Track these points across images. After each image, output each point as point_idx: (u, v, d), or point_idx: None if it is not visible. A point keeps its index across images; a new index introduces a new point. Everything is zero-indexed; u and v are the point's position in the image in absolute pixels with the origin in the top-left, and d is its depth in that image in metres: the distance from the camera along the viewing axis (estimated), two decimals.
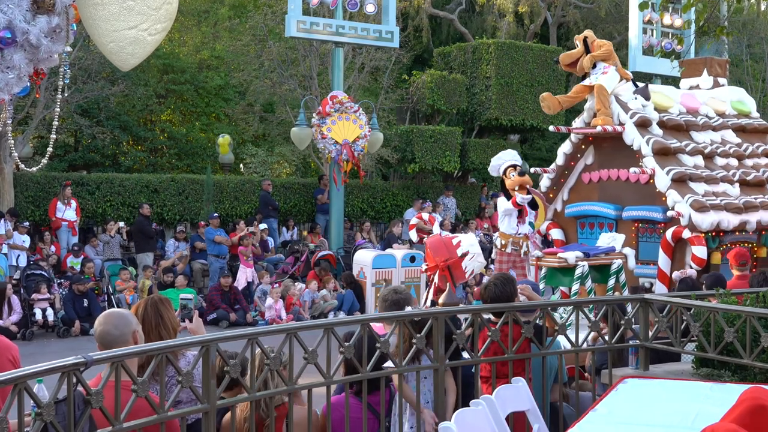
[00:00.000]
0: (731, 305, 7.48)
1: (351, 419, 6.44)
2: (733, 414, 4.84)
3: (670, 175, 14.45)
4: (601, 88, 15.04)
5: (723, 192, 14.88)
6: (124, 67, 6.81)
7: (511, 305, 7.71)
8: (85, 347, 16.81)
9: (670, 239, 14.35)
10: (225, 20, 35.88)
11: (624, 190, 15.29)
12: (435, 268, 12.49)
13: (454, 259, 12.30)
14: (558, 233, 16.24)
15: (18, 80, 6.16)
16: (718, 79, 17.56)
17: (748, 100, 17.43)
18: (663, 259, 14.48)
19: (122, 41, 6.49)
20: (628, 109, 15.10)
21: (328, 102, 24.83)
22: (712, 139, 15.93)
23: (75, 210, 23.67)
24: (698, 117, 16.19)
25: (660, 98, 15.88)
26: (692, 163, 15.06)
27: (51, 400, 4.42)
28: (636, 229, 15.12)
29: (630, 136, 14.96)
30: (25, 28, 6.04)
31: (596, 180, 15.73)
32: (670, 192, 14.43)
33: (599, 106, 15.05)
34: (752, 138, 16.60)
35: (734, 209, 14.47)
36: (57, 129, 7.48)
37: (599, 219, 15.57)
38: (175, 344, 5.36)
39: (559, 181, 16.26)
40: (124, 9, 6.37)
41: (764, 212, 15.00)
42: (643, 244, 15.03)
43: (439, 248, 12.50)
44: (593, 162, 15.94)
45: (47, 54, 6.22)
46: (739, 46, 39.67)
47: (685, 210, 14.16)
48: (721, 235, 14.42)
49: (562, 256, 13.48)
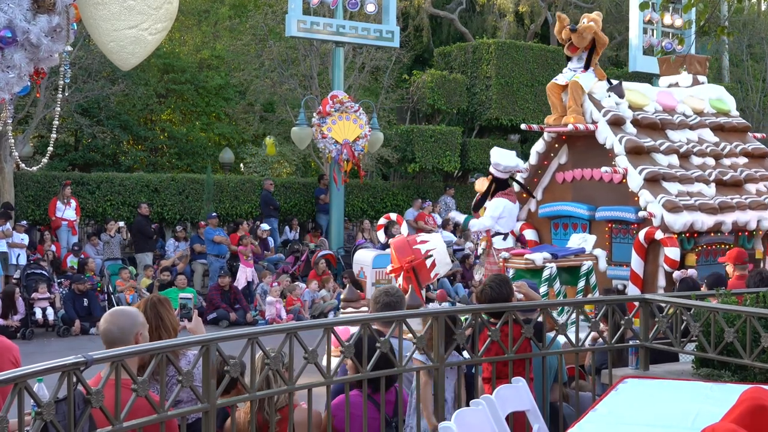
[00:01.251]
0: (731, 305, 7.48)
1: (359, 418, 6.44)
2: (734, 414, 4.85)
3: (643, 175, 14.06)
4: (576, 84, 14.67)
5: (698, 192, 14.50)
6: (125, 66, 6.81)
7: (512, 305, 7.71)
8: (86, 347, 16.81)
9: (642, 240, 13.98)
10: (225, 20, 35.90)
11: (597, 190, 14.90)
12: (399, 270, 12.30)
13: (418, 260, 12.14)
14: (532, 234, 15.79)
15: (18, 79, 6.15)
16: (697, 77, 17.25)
17: (728, 99, 17.04)
18: (636, 260, 14.09)
19: (123, 41, 6.48)
20: (601, 107, 14.72)
21: (329, 102, 24.85)
22: (689, 138, 15.55)
23: (75, 209, 23.67)
24: (675, 115, 15.79)
25: (635, 96, 15.53)
26: (666, 163, 14.67)
27: (51, 400, 4.42)
28: (609, 229, 14.74)
29: (603, 134, 14.57)
30: (26, 27, 6.03)
31: (570, 180, 15.33)
32: (642, 192, 14.03)
33: (571, 103, 14.67)
34: (731, 137, 16.23)
35: (709, 210, 14.12)
36: (57, 128, 7.48)
37: (573, 220, 15.17)
38: (175, 344, 5.36)
39: (533, 180, 15.82)
40: (124, 8, 6.37)
41: (740, 213, 14.61)
42: (616, 245, 14.64)
43: (404, 249, 12.33)
44: (567, 161, 15.52)
45: (48, 53, 6.22)
46: (740, 46, 39.69)
47: (657, 210, 13.76)
48: (696, 236, 14.07)
49: (530, 258, 13.17)
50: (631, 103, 15.18)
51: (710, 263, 14.21)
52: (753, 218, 14.68)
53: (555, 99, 15.01)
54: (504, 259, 13.41)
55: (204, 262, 23.96)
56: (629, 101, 15.12)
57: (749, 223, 14.62)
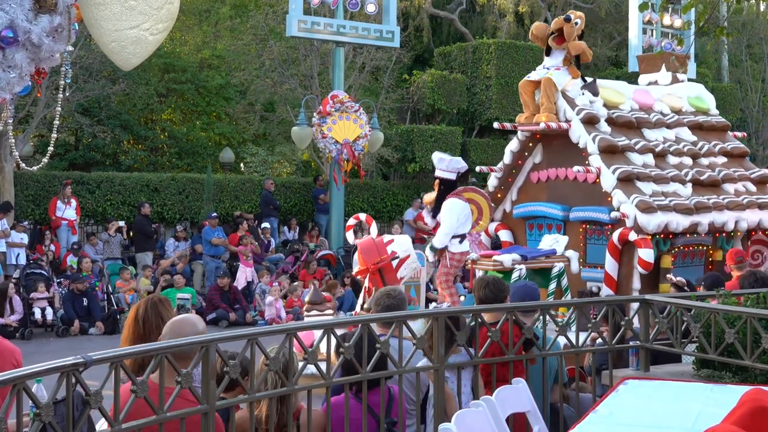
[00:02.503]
0: (732, 306, 7.48)
1: (355, 421, 6.43)
2: (735, 416, 4.84)
3: (616, 174, 13.64)
4: (549, 81, 14.26)
5: (673, 192, 14.06)
6: (126, 66, 6.81)
7: (512, 305, 7.71)
8: (85, 347, 16.82)
9: (616, 241, 13.56)
10: (226, 20, 35.88)
11: (572, 190, 14.49)
12: (365, 271, 12.08)
13: (384, 262, 11.93)
14: (506, 235, 15.38)
15: (19, 79, 6.15)
16: (677, 74, 16.85)
17: (707, 97, 16.59)
18: (610, 262, 13.64)
19: (124, 41, 6.48)
20: (574, 105, 14.29)
21: (329, 101, 24.84)
22: (666, 137, 15.12)
23: (75, 209, 23.67)
24: (651, 114, 15.34)
25: (611, 94, 15.08)
26: (641, 162, 14.24)
27: (50, 401, 4.42)
28: (584, 230, 14.30)
29: (576, 133, 14.14)
30: (27, 27, 6.03)
31: (545, 179, 14.93)
32: (615, 192, 13.62)
33: (544, 101, 14.28)
34: (710, 136, 15.82)
35: (684, 210, 13.67)
36: (58, 128, 7.48)
37: (547, 220, 14.77)
38: (175, 344, 5.35)
39: (507, 180, 15.41)
40: (125, 9, 6.37)
41: (718, 213, 14.20)
42: (591, 247, 14.20)
43: (370, 250, 12.09)
44: (542, 161, 15.11)
45: (49, 53, 6.22)
46: (739, 47, 39.69)
47: (630, 211, 13.32)
48: (671, 237, 13.63)
49: (498, 259, 12.95)
50: (607, 101, 14.80)
51: (687, 265, 13.97)
52: (731, 219, 14.29)
53: (527, 97, 14.64)
54: (472, 260, 13.12)
55: (203, 263, 23.98)
56: (604, 99, 14.74)
57: (727, 223, 14.23)
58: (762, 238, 14.90)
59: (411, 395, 7.25)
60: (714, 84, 37.56)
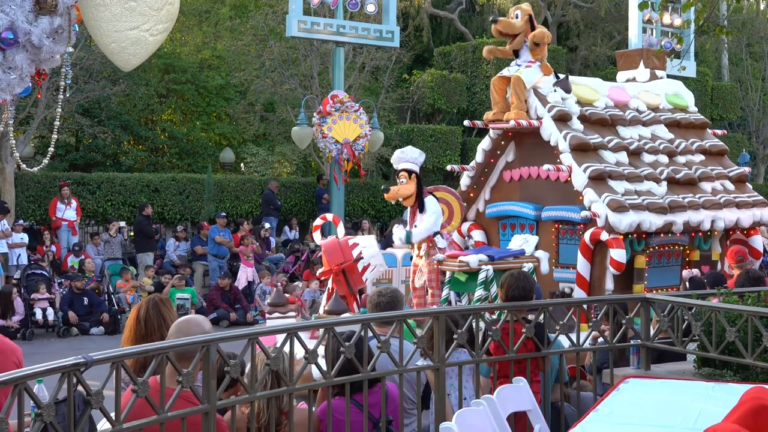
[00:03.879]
0: (733, 305, 7.48)
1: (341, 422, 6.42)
2: (736, 414, 4.85)
3: (588, 173, 13.22)
4: (518, 79, 13.86)
5: (647, 191, 13.63)
6: (126, 67, 6.81)
7: (513, 304, 7.72)
8: (86, 347, 16.83)
9: (588, 241, 13.13)
10: (226, 20, 35.89)
11: (544, 189, 14.10)
12: (329, 273, 11.90)
13: (348, 263, 11.74)
14: (479, 235, 14.96)
15: (20, 80, 6.16)
16: (655, 71, 16.34)
17: (686, 94, 16.12)
18: (582, 262, 13.20)
19: (124, 42, 6.49)
20: (546, 103, 13.87)
21: (329, 101, 24.83)
22: (641, 135, 14.69)
23: (75, 209, 23.68)
24: (627, 111, 14.91)
25: (584, 91, 14.64)
26: (614, 160, 13.82)
27: (51, 401, 4.42)
28: (556, 230, 13.91)
29: (547, 131, 13.72)
30: (27, 28, 6.04)
31: (517, 178, 14.54)
32: (586, 191, 13.19)
33: (514, 99, 13.87)
34: (688, 134, 15.38)
35: (658, 209, 13.26)
36: (58, 129, 7.48)
37: (520, 220, 14.39)
38: (175, 344, 5.36)
39: (480, 179, 15.03)
40: (125, 10, 6.37)
41: (693, 213, 13.80)
42: (563, 247, 13.82)
43: (334, 251, 11.92)
44: (514, 159, 14.70)
45: (49, 54, 6.22)
46: (739, 45, 39.70)
47: (601, 210, 12.92)
48: (644, 236, 13.23)
49: (464, 260, 12.60)
50: (580, 98, 14.38)
51: (663, 265, 13.66)
52: (707, 218, 13.92)
53: (497, 94, 14.26)
54: (438, 261, 12.75)
55: (205, 263, 23.99)
56: (578, 96, 14.33)
57: (703, 223, 13.86)
58: (741, 237, 14.56)
59: (409, 394, 7.26)
60: (714, 83, 37.59)
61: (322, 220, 13.86)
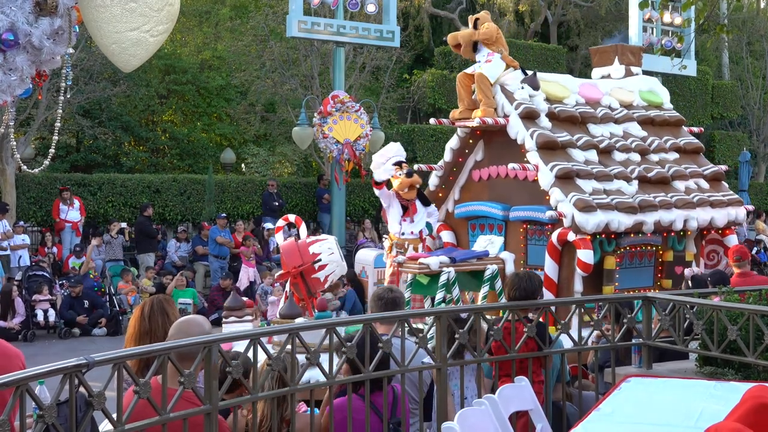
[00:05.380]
0: (734, 303, 7.48)
1: (354, 421, 6.42)
2: (738, 413, 4.85)
3: (554, 172, 12.67)
4: (482, 77, 13.40)
5: (617, 190, 13.08)
6: (126, 68, 6.81)
7: (515, 304, 7.72)
8: (87, 348, 16.84)
9: (556, 242, 12.62)
10: (226, 20, 35.93)
11: (512, 189, 13.60)
12: (286, 275, 11.63)
13: (306, 266, 11.42)
14: (449, 235, 14.50)
15: (20, 82, 6.16)
16: (631, 68, 15.64)
17: (661, 91, 15.53)
18: (549, 264, 12.67)
19: (124, 43, 6.49)
20: (513, 100, 13.36)
21: (330, 101, 24.86)
22: (612, 133, 14.11)
23: (79, 210, 23.71)
24: (598, 108, 14.31)
25: (554, 88, 14.10)
26: (583, 159, 13.29)
27: (53, 402, 4.42)
28: (525, 231, 13.45)
29: (514, 129, 13.22)
30: (28, 30, 6.04)
31: (486, 178, 14.05)
32: (553, 190, 12.65)
33: (480, 96, 13.40)
34: (662, 131, 14.78)
35: (627, 209, 12.70)
36: (59, 130, 7.49)
37: (489, 220, 13.91)
38: (177, 345, 5.36)
39: (448, 179, 14.55)
40: (126, 11, 6.37)
41: (665, 212, 13.21)
42: (531, 248, 13.34)
43: (292, 253, 11.60)
44: (483, 158, 14.22)
45: (50, 56, 6.23)
46: (740, 44, 39.70)
47: (567, 210, 12.39)
48: (613, 237, 12.72)
49: (424, 262, 12.21)
50: (549, 95, 13.86)
51: (635, 266, 13.24)
52: (679, 217, 13.31)
53: (463, 91, 13.84)
54: (398, 263, 12.56)
55: (206, 264, 24.01)
56: (547, 93, 13.81)
57: (675, 222, 13.26)
58: (716, 237, 14.18)
59: (413, 394, 7.26)
60: (715, 81, 37.60)
61: (284, 221, 13.63)
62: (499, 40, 13.87)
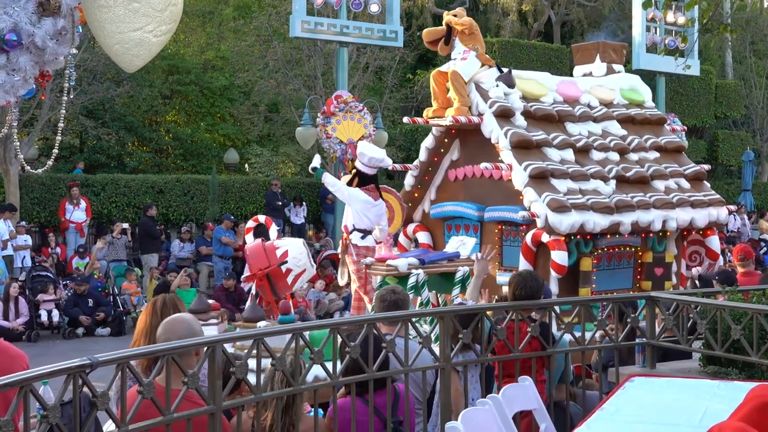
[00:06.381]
0: (738, 302, 7.48)
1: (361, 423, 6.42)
2: (741, 412, 4.84)
3: (528, 171, 12.41)
4: (456, 74, 13.13)
5: (593, 190, 12.79)
6: (129, 68, 6.82)
7: (519, 304, 7.72)
8: (91, 349, 16.85)
9: (530, 243, 12.41)
10: (229, 21, 35.95)
11: (488, 189, 13.31)
12: (252, 278, 11.59)
13: (273, 268, 11.34)
14: (425, 236, 14.26)
15: (23, 82, 6.16)
16: (612, 65, 15.34)
17: (643, 89, 15.13)
18: (524, 265, 12.38)
19: (127, 43, 6.49)
20: (488, 98, 13.03)
21: (333, 101, 24.84)
22: (591, 131, 13.79)
23: (85, 210, 23.71)
24: (576, 107, 13.99)
25: (531, 86, 13.79)
26: (559, 158, 13.00)
27: (57, 402, 4.43)
28: (500, 231, 13.16)
29: (488, 127, 12.93)
30: (31, 30, 6.04)
31: (462, 177, 13.74)
32: (526, 190, 12.39)
33: (455, 94, 13.12)
34: (643, 130, 14.43)
35: (603, 209, 12.45)
36: (62, 130, 7.49)
37: (465, 221, 13.60)
38: (181, 345, 5.36)
39: (424, 178, 14.29)
40: (129, 11, 6.37)
41: (643, 212, 12.94)
42: (507, 249, 13.06)
43: (258, 256, 11.50)
44: (459, 157, 13.92)
45: (53, 56, 6.23)
46: (743, 43, 39.69)
47: (541, 210, 12.13)
48: (588, 238, 12.42)
49: (392, 264, 11.87)
50: (526, 93, 13.57)
51: (613, 268, 12.98)
52: (657, 218, 13.05)
53: (437, 89, 13.63)
54: (366, 265, 12.26)
55: (210, 264, 24.03)
56: (523, 91, 13.53)
57: (653, 223, 13.00)
58: (698, 238, 13.95)
59: (416, 394, 7.26)
60: (718, 81, 37.58)
61: (255, 222, 13.48)
62: (476, 36, 13.58)
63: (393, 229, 13.78)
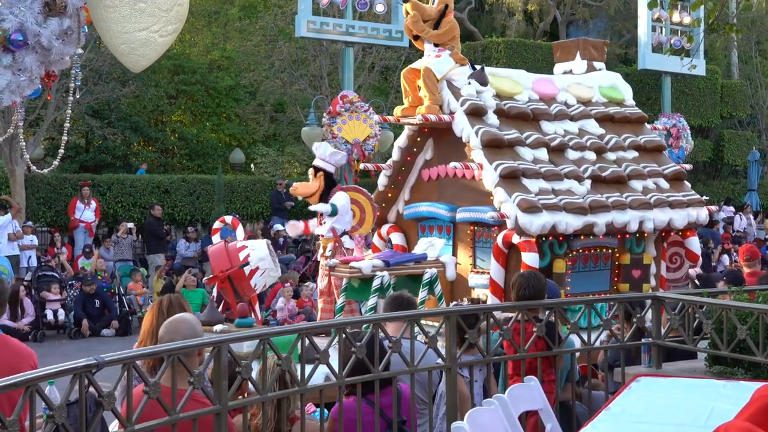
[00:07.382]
0: (744, 302, 7.46)
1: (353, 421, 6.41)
2: (747, 412, 4.83)
3: (498, 171, 12.08)
4: (428, 71, 12.78)
5: (567, 190, 12.46)
6: (135, 68, 6.83)
7: (525, 303, 7.71)
8: (97, 348, 16.85)
9: (501, 245, 12.11)
10: (235, 21, 35.96)
11: (460, 189, 12.98)
12: (214, 280, 11.47)
13: (234, 270, 11.19)
14: (399, 237, 13.97)
15: (30, 82, 6.18)
16: (593, 63, 14.95)
17: (623, 87, 14.76)
18: (495, 267, 12.16)
19: (133, 43, 6.50)
20: (459, 96, 12.72)
21: (339, 101, 24.85)
22: (567, 130, 13.41)
23: (94, 211, 23.73)
24: (553, 105, 13.64)
25: (505, 84, 13.44)
26: (532, 157, 12.66)
27: (63, 402, 4.43)
28: (472, 232, 12.85)
29: (459, 126, 12.61)
30: (37, 30, 6.05)
31: (435, 177, 13.42)
32: (497, 190, 12.09)
33: (426, 91, 12.77)
34: (622, 129, 14.08)
35: (576, 210, 12.14)
36: (68, 130, 7.50)
37: (438, 222, 13.30)
38: (187, 345, 5.36)
39: (397, 179, 13.95)
40: (135, 11, 6.38)
41: (618, 213, 12.63)
42: (479, 250, 12.77)
43: (220, 257, 11.37)
44: (432, 157, 13.61)
45: (59, 56, 6.24)
46: (749, 43, 39.62)
47: (511, 210, 11.82)
48: (561, 239, 12.17)
49: (356, 266, 11.78)
50: (500, 91, 13.24)
51: (589, 269, 12.73)
52: (634, 219, 12.75)
53: (408, 86, 13.26)
54: (330, 267, 12.19)
55: None
56: (497, 89, 13.21)
57: (629, 224, 12.71)
58: (678, 239, 13.75)
59: (421, 395, 7.25)
60: (724, 81, 37.52)
61: (221, 223, 13.34)
62: (454, 39, 13.32)
63: (364, 230, 13.56)
